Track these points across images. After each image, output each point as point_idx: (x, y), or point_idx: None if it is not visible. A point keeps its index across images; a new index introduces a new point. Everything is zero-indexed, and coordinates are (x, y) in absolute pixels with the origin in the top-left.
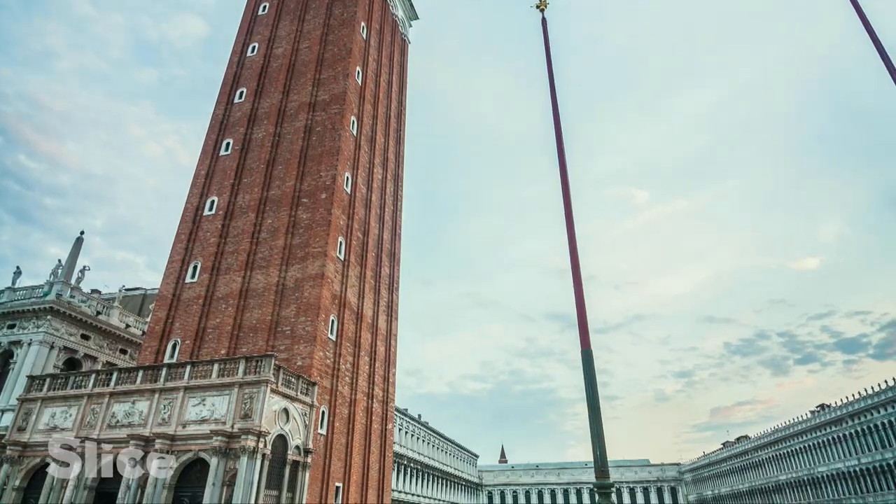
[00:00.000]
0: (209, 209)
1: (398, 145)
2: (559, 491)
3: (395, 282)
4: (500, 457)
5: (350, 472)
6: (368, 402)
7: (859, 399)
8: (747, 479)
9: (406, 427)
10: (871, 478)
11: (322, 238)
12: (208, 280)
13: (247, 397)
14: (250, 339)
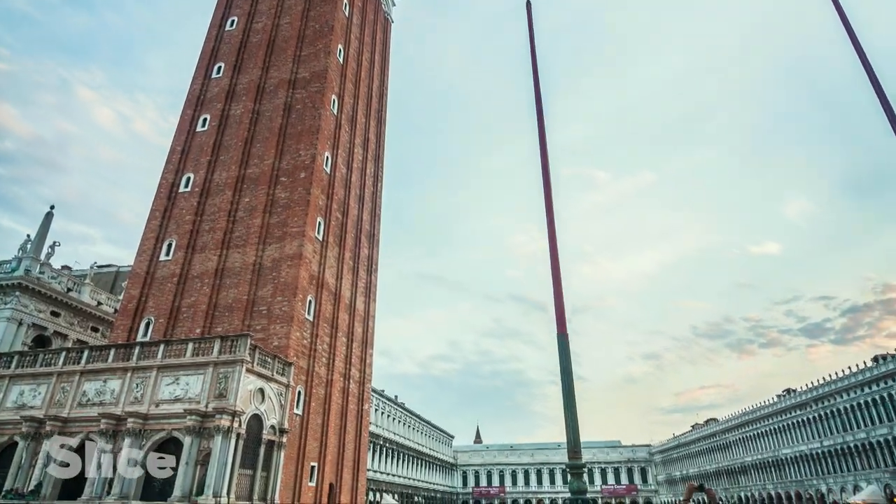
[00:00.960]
0: (185, 186)
1: (379, 126)
2: (532, 471)
3: (373, 263)
4: (476, 437)
5: (325, 452)
6: (345, 382)
7: (823, 384)
8: (715, 461)
9: (382, 408)
10: (831, 460)
11: (300, 218)
12: (183, 258)
13: (222, 377)
14: (226, 318)
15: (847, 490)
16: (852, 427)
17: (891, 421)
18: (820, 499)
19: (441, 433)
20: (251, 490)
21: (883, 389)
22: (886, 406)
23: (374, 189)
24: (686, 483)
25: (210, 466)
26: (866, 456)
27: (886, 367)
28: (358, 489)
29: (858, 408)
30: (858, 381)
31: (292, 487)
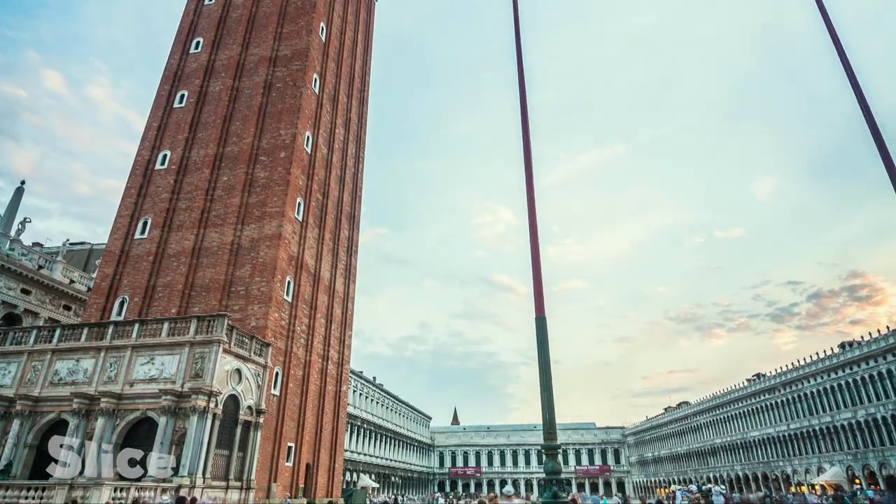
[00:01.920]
0: (161, 163)
1: (361, 106)
2: (508, 452)
3: (353, 245)
4: (453, 419)
5: (303, 433)
6: (323, 363)
7: (791, 370)
8: (685, 443)
9: (361, 389)
10: (797, 442)
11: (280, 198)
12: (159, 236)
13: (198, 357)
14: (203, 298)
15: (811, 471)
16: (818, 411)
17: (854, 405)
18: (785, 479)
19: (419, 414)
20: (227, 470)
21: (848, 375)
22: (851, 391)
23: (356, 170)
24: (656, 463)
25: (185, 446)
26: (830, 439)
27: (852, 353)
28: (335, 469)
29: (824, 392)
30: (825, 366)
31: (269, 468)
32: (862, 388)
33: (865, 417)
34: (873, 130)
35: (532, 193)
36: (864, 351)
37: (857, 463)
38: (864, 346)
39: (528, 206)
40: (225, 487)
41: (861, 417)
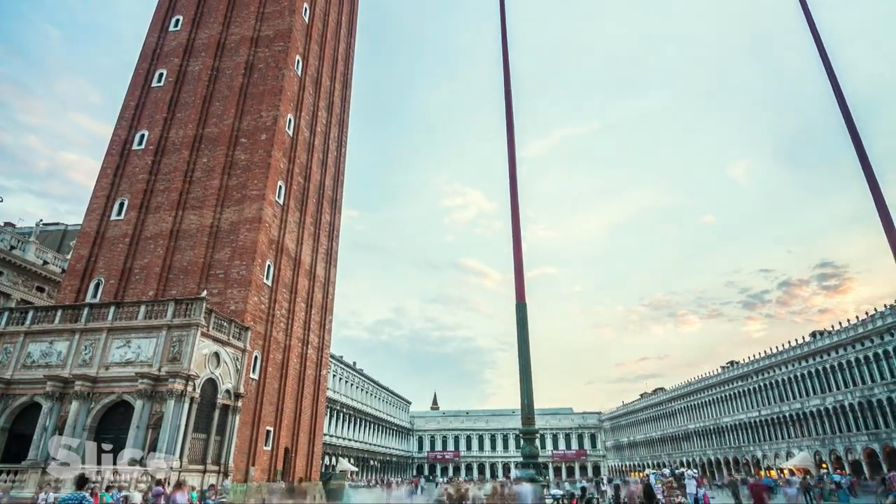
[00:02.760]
0: (138, 143)
1: (345, 89)
2: (487, 436)
3: (335, 229)
4: (433, 404)
5: (282, 417)
6: (303, 348)
7: (764, 357)
8: (660, 428)
9: (340, 373)
10: (768, 428)
11: (261, 181)
12: (136, 218)
13: (175, 340)
14: (181, 281)
15: (780, 456)
16: (788, 398)
17: (823, 393)
18: (755, 464)
19: (398, 399)
20: (205, 454)
21: (818, 363)
22: (821, 379)
23: (338, 154)
24: (631, 448)
25: (162, 430)
26: (799, 425)
27: (822, 342)
28: (314, 453)
29: (795, 380)
30: (796, 354)
31: (247, 451)
32: (831, 375)
33: (833, 404)
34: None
35: (515, 187)
36: (834, 340)
37: (824, 448)
38: (833, 336)
39: (510, 199)
40: (202, 471)
41: (829, 404)
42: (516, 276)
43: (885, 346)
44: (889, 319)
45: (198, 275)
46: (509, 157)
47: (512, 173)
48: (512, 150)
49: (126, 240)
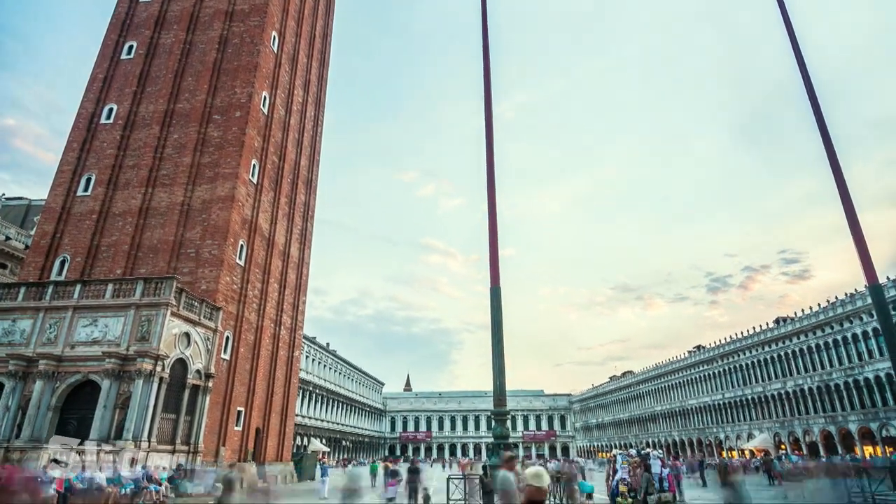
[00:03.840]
0: (106, 117)
1: (322, 68)
2: (458, 417)
3: (310, 210)
4: (406, 385)
5: (253, 398)
6: (276, 328)
7: (729, 343)
8: (628, 410)
9: (314, 355)
10: (731, 410)
11: (234, 159)
12: (104, 194)
13: (144, 320)
14: (150, 260)
15: (742, 437)
16: (751, 382)
17: (785, 377)
18: (718, 445)
19: (371, 380)
20: (174, 434)
21: (780, 349)
22: (783, 363)
23: (314, 133)
24: (599, 429)
25: (130, 410)
26: (761, 407)
27: (785, 328)
28: (285, 434)
29: (758, 364)
30: (760, 340)
31: (217, 432)
32: (792, 361)
33: (794, 388)
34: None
35: (492, 171)
36: (796, 327)
37: (783, 430)
38: (795, 322)
39: (487, 183)
40: (172, 451)
41: (790, 388)
42: (491, 259)
43: (844, 332)
44: (848, 307)
45: (168, 253)
46: (487, 144)
47: (490, 158)
48: (490, 137)
49: (93, 216)
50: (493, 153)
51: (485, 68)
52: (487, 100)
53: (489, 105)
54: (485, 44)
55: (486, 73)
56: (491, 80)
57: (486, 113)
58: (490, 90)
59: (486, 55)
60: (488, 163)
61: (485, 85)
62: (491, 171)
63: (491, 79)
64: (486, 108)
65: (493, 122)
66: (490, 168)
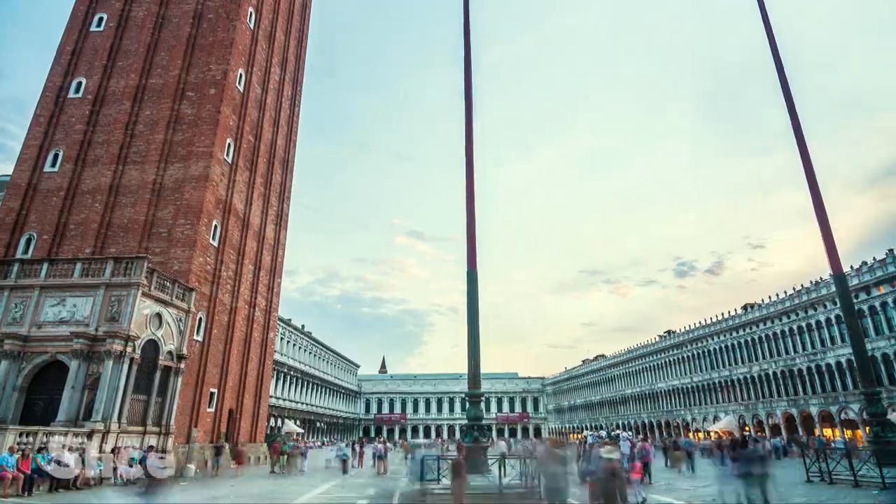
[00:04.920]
0: (75, 91)
1: (300, 47)
2: (433, 399)
3: (286, 191)
4: (381, 367)
5: (226, 379)
6: (250, 310)
7: (698, 328)
8: (599, 392)
9: (289, 336)
10: (698, 394)
11: (208, 137)
12: (72, 171)
13: (114, 300)
14: (121, 239)
15: (708, 419)
16: (718, 366)
17: (751, 361)
18: (685, 427)
19: (346, 363)
20: (145, 415)
21: (747, 334)
22: (749, 349)
23: (291, 113)
24: (571, 411)
25: (99, 391)
26: (727, 391)
27: (752, 314)
28: (259, 415)
29: (726, 349)
30: (728, 325)
31: (189, 413)
32: (758, 346)
33: (759, 372)
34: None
35: (471, 150)
36: (763, 313)
37: (748, 412)
38: (762, 309)
39: (465, 166)
40: (142, 432)
41: (755, 372)
42: (468, 242)
43: (808, 319)
44: (813, 295)
45: (139, 233)
46: (466, 126)
47: (469, 138)
48: (469, 126)
49: (61, 193)
50: (472, 142)
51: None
52: (468, 97)
53: (469, 103)
54: (466, 29)
55: (466, 81)
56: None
57: (467, 107)
58: (471, 100)
59: (467, 49)
60: (467, 153)
61: (465, 92)
62: (470, 159)
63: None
64: (466, 105)
65: (472, 118)
66: (469, 155)
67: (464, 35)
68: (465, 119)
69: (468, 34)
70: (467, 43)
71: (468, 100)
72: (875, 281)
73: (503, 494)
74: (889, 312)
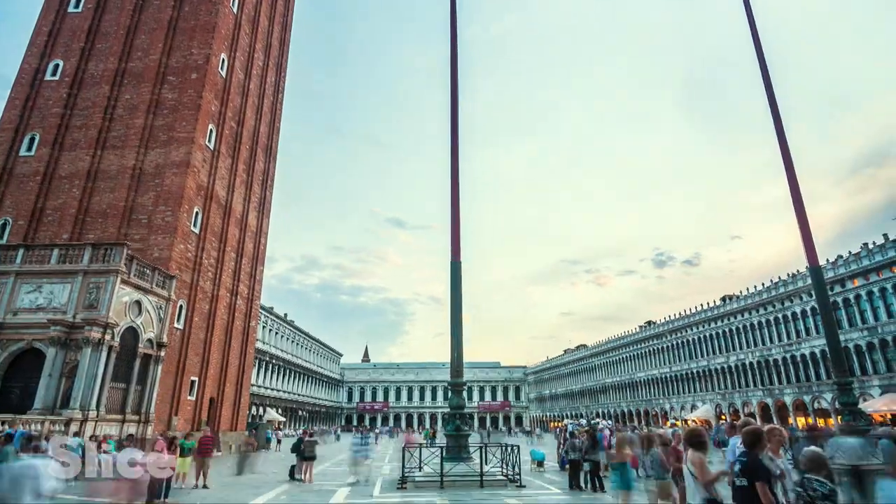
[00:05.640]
0: (52, 74)
1: (284, 32)
2: (416, 388)
3: (269, 178)
4: (364, 356)
5: (208, 367)
6: (232, 298)
7: (678, 318)
8: (580, 381)
9: (271, 325)
10: (676, 383)
11: (190, 122)
12: (49, 155)
13: (92, 287)
14: (99, 225)
15: (685, 408)
16: (697, 356)
17: (728, 351)
18: (664, 415)
19: (329, 351)
20: (124, 403)
21: (725, 325)
22: (727, 339)
23: (274, 100)
24: (552, 399)
25: (77, 379)
26: (704, 380)
27: (731, 306)
28: (241, 403)
29: (704, 340)
30: (707, 316)
31: (170, 401)
32: (736, 336)
33: (735, 362)
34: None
35: (456, 142)
36: (741, 304)
37: (724, 401)
38: (741, 300)
39: (451, 158)
40: (121, 420)
41: (732, 362)
42: (452, 234)
43: (785, 311)
44: (790, 287)
45: (118, 219)
46: (452, 114)
47: (454, 127)
48: (455, 118)
49: (37, 178)
50: (457, 134)
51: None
52: (454, 85)
53: (455, 92)
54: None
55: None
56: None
57: (452, 95)
58: (456, 98)
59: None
60: (452, 148)
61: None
62: (455, 154)
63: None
64: (452, 94)
65: (458, 111)
66: (454, 151)
67: (450, 34)
68: (450, 118)
69: (454, 34)
70: (453, 43)
71: (454, 98)
72: (850, 274)
73: (484, 481)
74: (862, 305)
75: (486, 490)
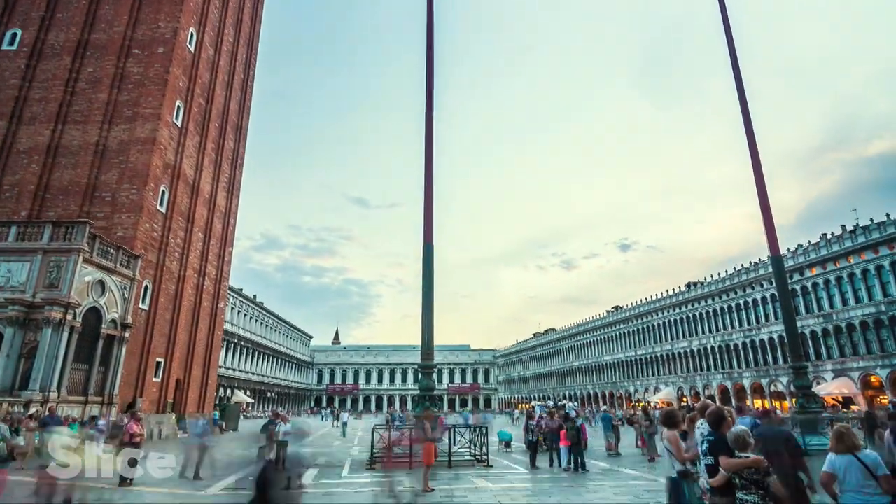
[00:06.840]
0: (9, 43)
1: (255, 7)
2: (386, 370)
3: (239, 157)
4: (335, 339)
5: (174, 349)
6: (199, 279)
7: (644, 304)
8: (548, 365)
9: (239, 306)
10: (641, 366)
11: (156, 98)
12: (6, 128)
13: (53, 266)
14: (60, 202)
15: (649, 391)
16: (662, 340)
17: (691, 336)
18: (628, 397)
19: (299, 333)
20: (87, 385)
21: (689, 311)
22: (690, 324)
23: (245, 77)
24: (521, 382)
25: (37, 360)
26: (668, 364)
27: (695, 292)
28: (208, 385)
29: (670, 324)
30: (672, 302)
31: (134, 383)
32: (698, 322)
33: (698, 347)
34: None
35: (430, 126)
36: (704, 291)
37: (686, 384)
38: (704, 287)
39: (425, 139)
40: (84, 402)
41: (695, 346)
42: (425, 216)
43: (746, 297)
44: (752, 274)
45: (81, 196)
46: (427, 103)
47: (428, 116)
48: (430, 92)
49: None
50: (431, 108)
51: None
52: (429, 70)
53: (430, 77)
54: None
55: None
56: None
57: (428, 80)
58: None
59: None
60: (427, 131)
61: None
62: (429, 136)
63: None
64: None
65: (433, 97)
66: (429, 133)
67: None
68: (425, 103)
69: (431, 28)
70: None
71: (429, 83)
72: (808, 263)
73: (452, 462)
74: (819, 293)
75: (453, 470)
